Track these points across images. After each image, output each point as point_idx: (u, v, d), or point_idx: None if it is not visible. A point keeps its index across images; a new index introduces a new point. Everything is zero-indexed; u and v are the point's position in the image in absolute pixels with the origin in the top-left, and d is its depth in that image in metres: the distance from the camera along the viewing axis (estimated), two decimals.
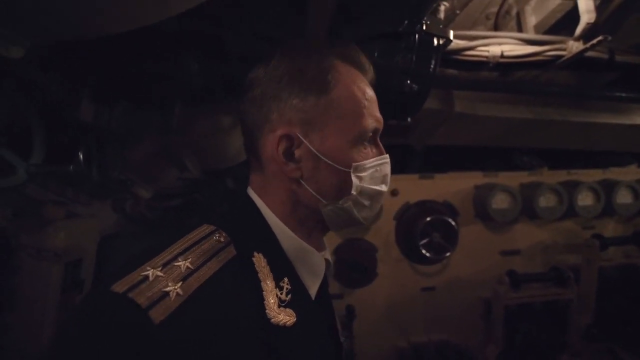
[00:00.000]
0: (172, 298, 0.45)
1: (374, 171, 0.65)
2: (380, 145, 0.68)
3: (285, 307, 0.56)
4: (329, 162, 0.61)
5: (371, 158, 0.65)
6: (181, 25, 1.16)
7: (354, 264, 1.99)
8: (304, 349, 0.57)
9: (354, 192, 0.62)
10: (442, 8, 1.30)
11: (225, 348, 0.47)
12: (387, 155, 0.68)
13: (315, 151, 0.61)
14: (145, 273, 0.47)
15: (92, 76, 1.34)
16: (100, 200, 1.73)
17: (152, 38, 1.26)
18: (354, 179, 0.62)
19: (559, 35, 1.45)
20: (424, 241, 1.99)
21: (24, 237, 1.29)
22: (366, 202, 0.64)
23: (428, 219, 1.99)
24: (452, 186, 2.12)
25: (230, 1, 1.08)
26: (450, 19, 1.41)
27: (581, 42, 1.37)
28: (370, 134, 0.65)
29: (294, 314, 0.57)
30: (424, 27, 1.03)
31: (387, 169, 0.68)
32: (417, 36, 1.03)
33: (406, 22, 0.99)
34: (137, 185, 1.79)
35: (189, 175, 1.91)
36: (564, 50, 1.41)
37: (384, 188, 0.67)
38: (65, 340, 0.44)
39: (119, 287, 0.44)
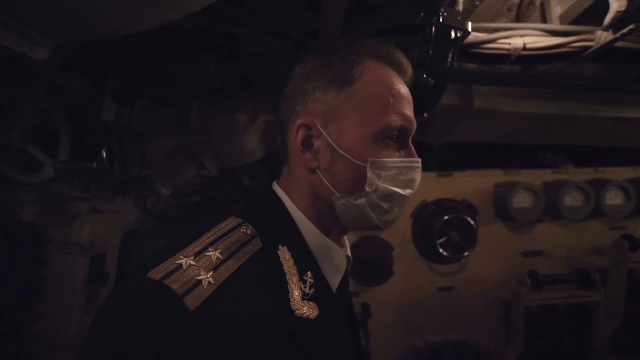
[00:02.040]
0: (205, 286, 0.47)
1: (397, 173, 0.62)
2: (412, 148, 0.66)
3: (308, 300, 0.57)
4: (345, 154, 0.60)
5: (395, 158, 0.63)
6: (198, 26, 1.18)
7: (370, 262, 1.98)
8: (326, 341, 0.58)
9: (367, 188, 0.61)
10: (461, 0, 1.26)
11: (254, 336, 0.49)
12: (419, 160, 0.65)
13: (332, 143, 0.61)
14: (180, 262, 0.49)
15: (114, 77, 1.38)
16: (123, 197, 1.80)
17: (170, 39, 1.29)
18: (370, 175, 0.60)
19: (587, 26, 1.38)
20: (442, 240, 1.95)
21: (53, 232, 1.35)
22: (384, 205, 0.62)
23: (446, 217, 1.95)
24: (471, 184, 2.07)
25: (244, 0, 1.08)
26: (470, 11, 1.36)
27: (610, 32, 1.29)
28: (396, 132, 0.62)
29: (317, 308, 0.58)
30: (441, 20, 1.00)
31: (416, 174, 0.65)
32: (433, 29, 1.00)
33: (422, 14, 0.97)
34: (158, 183, 1.85)
35: (206, 173, 1.95)
36: (592, 41, 1.34)
37: (406, 192, 0.63)
38: (106, 324, 0.45)
39: (155, 274, 0.46)
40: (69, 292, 1.34)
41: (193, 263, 0.49)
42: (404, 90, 0.65)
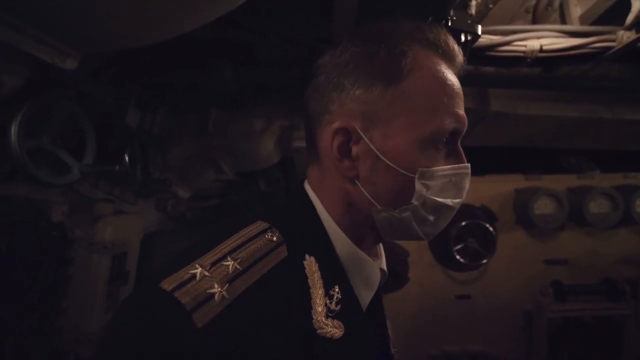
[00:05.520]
0: (217, 301, 0.44)
1: (446, 181, 0.55)
2: (461, 150, 0.57)
3: (333, 317, 0.52)
4: (390, 163, 0.53)
5: (444, 165, 0.55)
6: (213, 35, 1.23)
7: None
8: None
9: (415, 201, 0.54)
10: (474, 3, 1.25)
11: (267, 357, 0.45)
12: (469, 165, 0.57)
13: (375, 149, 0.54)
14: (194, 271, 0.46)
15: (137, 85, 1.46)
16: (144, 199, 1.88)
17: (187, 48, 1.35)
18: (418, 186, 0.53)
19: (608, 26, 1.34)
20: (459, 246, 1.91)
21: (78, 231, 1.43)
22: (430, 217, 0.55)
23: (463, 223, 1.91)
24: (490, 189, 2.02)
25: (257, 8, 1.13)
26: (483, 14, 1.35)
27: (633, 31, 1.24)
28: (447, 135, 0.54)
29: (342, 326, 0.52)
30: (450, 23, 1.00)
31: (466, 181, 0.57)
32: None
33: (430, 18, 0.97)
34: (177, 186, 1.92)
35: (224, 177, 2.00)
36: (613, 41, 1.29)
37: (455, 203, 0.56)
38: (115, 330, 0.45)
39: (167, 284, 0.44)
40: (91, 289, 1.41)
41: (207, 274, 0.46)
42: (457, 84, 0.56)
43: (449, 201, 0.55)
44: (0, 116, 1.04)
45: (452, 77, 0.56)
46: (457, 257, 1.90)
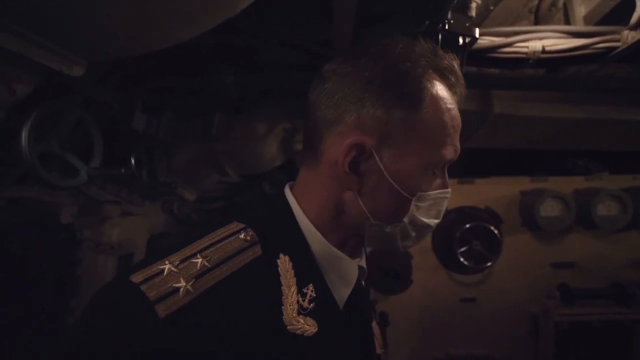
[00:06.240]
0: (181, 295, 0.45)
1: (432, 203, 0.60)
2: (447, 177, 0.62)
3: (306, 315, 0.53)
4: (395, 184, 0.56)
5: (435, 189, 0.60)
6: (215, 40, 1.26)
7: (388, 270, 1.96)
8: None
9: (405, 219, 0.59)
10: (474, 5, 1.25)
11: (228, 352, 0.46)
12: (450, 190, 0.63)
13: (383, 169, 0.56)
14: (162, 267, 0.48)
15: (143, 90, 1.50)
16: (151, 202, 1.91)
17: (191, 54, 1.38)
18: (412, 207, 0.58)
19: (612, 26, 1.32)
20: (463, 249, 1.90)
21: (86, 232, 1.47)
22: (413, 233, 0.61)
23: (467, 225, 1.90)
24: (494, 192, 2.01)
25: (258, 13, 1.15)
26: (484, 16, 1.34)
27: (638, 31, 1.23)
28: (446, 164, 0.60)
29: (316, 324, 0.53)
30: (447, 27, 1.00)
31: (445, 204, 0.62)
32: (439, 36, 1.00)
33: (427, 22, 0.98)
34: (182, 188, 1.95)
35: (228, 179, 2.03)
36: (618, 41, 1.27)
37: (435, 223, 0.62)
38: (84, 319, 0.47)
39: (136, 277, 0.46)
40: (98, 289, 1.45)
41: (175, 270, 0.48)
42: (459, 117, 0.60)
43: (431, 221, 0.61)
44: (11, 122, 1.08)
45: (455, 108, 0.60)
46: (462, 259, 1.89)
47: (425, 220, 0.60)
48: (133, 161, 1.42)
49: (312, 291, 0.55)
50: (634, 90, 1.57)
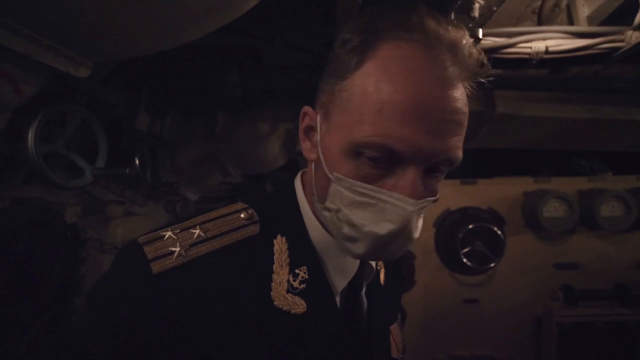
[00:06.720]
0: (174, 257, 0.51)
1: (364, 202, 0.50)
2: (407, 179, 0.48)
3: (295, 294, 0.54)
4: (321, 157, 0.54)
5: (377, 184, 0.49)
6: (220, 41, 1.26)
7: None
8: (308, 341, 0.54)
9: (329, 204, 0.54)
10: (477, 6, 1.25)
11: (214, 315, 0.49)
12: (402, 197, 0.48)
13: (318, 140, 0.55)
14: (164, 233, 0.53)
15: (147, 91, 1.51)
16: (154, 201, 1.92)
17: (195, 55, 1.39)
18: (332, 189, 0.53)
19: (615, 26, 1.32)
20: (466, 250, 1.89)
21: (91, 232, 1.48)
22: (345, 230, 0.52)
23: (470, 226, 1.89)
24: (497, 192, 2.00)
25: (262, 15, 1.15)
26: (487, 17, 1.35)
27: None
28: (369, 150, 0.47)
29: (305, 304, 0.54)
30: None
31: (393, 216, 0.48)
32: None
33: None
34: (185, 188, 1.96)
35: (231, 179, 2.04)
36: (622, 41, 1.27)
37: (377, 229, 0.49)
38: (107, 271, 0.54)
39: (143, 239, 0.52)
40: None
41: (173, 236, 0.52)
42: (412, 92, 0.45)
43: (362, 222, 0.50)
44: (17, 122, 1.09)
45: (410, 84, 0.45)
46: (465, 260, 1.88)
47: (351, 217, 0.50)
48: (137, 161, 1.43)
49: (305, 273, 0.57)
50: (637, 90, 1.57)
